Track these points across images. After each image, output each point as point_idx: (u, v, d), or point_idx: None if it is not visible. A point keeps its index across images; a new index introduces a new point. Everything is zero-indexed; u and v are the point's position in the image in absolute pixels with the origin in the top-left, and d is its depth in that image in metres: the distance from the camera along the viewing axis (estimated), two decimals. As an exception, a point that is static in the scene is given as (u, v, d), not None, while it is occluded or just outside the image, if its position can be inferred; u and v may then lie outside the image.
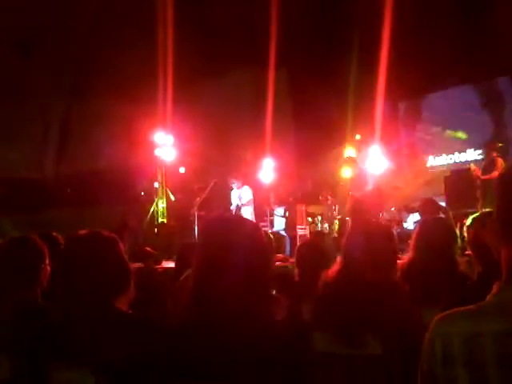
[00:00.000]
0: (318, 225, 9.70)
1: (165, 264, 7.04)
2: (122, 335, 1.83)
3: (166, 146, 10.48)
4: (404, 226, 9.60)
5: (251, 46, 10.72)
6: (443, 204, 9.07)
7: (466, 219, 2.83)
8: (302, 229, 9.49)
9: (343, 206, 9.10)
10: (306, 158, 11.99)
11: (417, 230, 3.08)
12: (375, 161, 9.61)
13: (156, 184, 10.88)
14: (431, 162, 12.48)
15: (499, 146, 9.44)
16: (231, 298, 1.55)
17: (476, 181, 9.11)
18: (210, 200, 9.87)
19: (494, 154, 9.07)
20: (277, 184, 10.53)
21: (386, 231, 2.54)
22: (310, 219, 9.87)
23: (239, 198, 9.70)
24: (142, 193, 11.27)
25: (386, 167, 9.68)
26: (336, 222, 9.41)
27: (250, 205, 9.77)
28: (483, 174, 8.94)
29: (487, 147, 9.76)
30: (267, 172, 10.40)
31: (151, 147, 10.50)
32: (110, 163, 11.26)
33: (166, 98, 10.52)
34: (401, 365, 2.07)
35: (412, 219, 9.71)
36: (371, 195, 8.30)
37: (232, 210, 9.55)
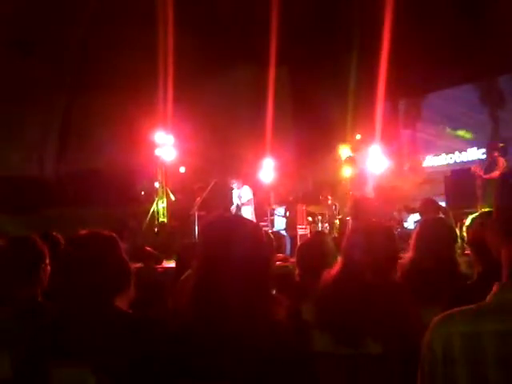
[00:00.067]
0: (319, 224, 9.68)
1: (165, 264, 7.04)
2: (122, 335, 1.83)
3: (166, 146, 10.47)
4: (404, 226, 9.59)
5: (251, 46, 10.73)
6: (443, 204, 9.08)
7: (465, 219, 2.82)
8: (302, 228, 9.47)
9: (343, 206, 9.09)
10: (306, 157, 11.98)
11: (417, 229, 3.07)
12: (375, 160, 9.60)
13: (156, 184, 10.87)
14: (431, 161, 12.48)
15: (500, 146, 9.43)
16: (232, 297, 1.56)
17: (476, 180, 9.10)
18: (211, 200, 9.87)
19: (496, 153, 9.05)
20: (277, 184, 10.52)
21: (386, 231, 2.54)
22: (310, 219, 9.85)
23: (239, 198, 9.70)
24: (143, 192, 11.26)
25: (385, 167, 9.66)
26: (336, 221, 9.40)
27: (250, 204, 9.77)
28: (485, 173, 8.93)
29: (488, 147, 9.75)
30: (267, 172, 10.39)
31: (151, 147, 10.49)
32: (111, 163, 11.26)
33: (167, 97, 10.52)
34: (401, 365, 2.07)
35: (412, 219, 9.70)
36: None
37: (231, 210, 9.55)
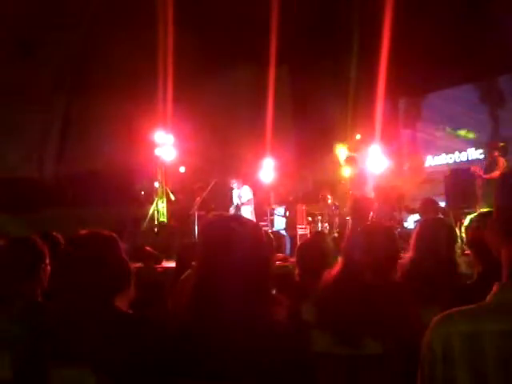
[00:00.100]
0: (318, 224, 9.67)
1: (165, 264, 7.04)
2: (122, 335, 1.83)
3: (166, 146, 10.45)
4: (404, 226, 9.59)
5: (251, 45, 10.72)
6: (443, 204, 9.07)
7: (465, 219, 2.82)
8: (302, 228, 9.46)
9: (343, 206, 9.09)
10: (306, 157, 11.98)
11: (417, 229, 3.07)
12: (375, 160, 9.60)
13: (156, 184, 10.85)
14: (431, 161, 12.47)
15: (501, 146, 9.42)
16: (231, 297, 1.55)
17: (476, 180, 9.08)
18: (211, 200, 9.87)
19: (496, 153, 9.03)
20: (277, 183, 10.52)
21: (386, 231, 2.53)
22: (310, 219, 9.85)
23: (239, 198, 9.70)
24: (142, 192, 11.24)
25: (385, 167, 9.66)
26: (336, 221, 9.39)
27: (250, 204, 9.77)
28: (485, 173, 8.91)
29: (489, 146, 9.72)
30: (267, 171, 10.38)
31: (151, 147, 10.48)
32: (110, 163, 11.24)
33: (166, 97, 10.51)
34: (401, 365, 2.07)
35: (412, 218, 9.70)
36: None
37: (231, 210, 9.54)
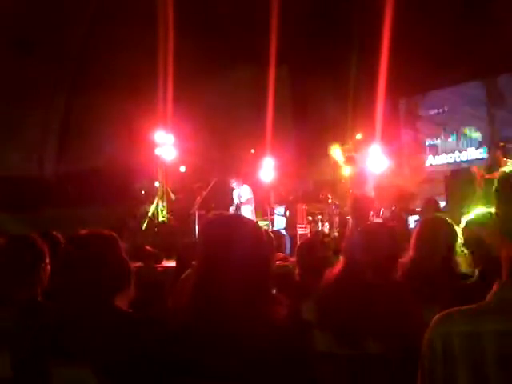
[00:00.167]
0: (319, 224, 9.67)
1: (165, 263, 7.04)
2: (122, 334, 1.83)
3: (166, 145, 10.46)
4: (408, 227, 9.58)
5: (251, 45, 10.71)
6: (443, 203, 9.08)
7: (465, 219, 2.82)
8: (302, 228, 9.46)
9: (344, 205, 9.09)
10: (306, 156, 11.97)
11: (417, 229, 3.07)
12: (375, 160, 9.60)
13: (156, 183, 10.86)
14: (431, 161, 12.47)
15: (502, 146, 9.39)
16: (232, 296, 1.56)
17: (477, 180, 9.07)
18: (211, 199, 9.87)
19: (498, 153, 9.00)
20: (277, 183, 10.52)
21: (388, 231, 2.53)
22: (310, 218, 9.85)
23: (239, 197, 9.70)
24: (143, 192, 11.24)
25: (386, 166, 9.66)
26: (336, 220, 9.39)
27: (250, 204, 9.76)
28: (485, 173, 8.89)
29: (490, 146, 9.70)
30: (267, 171, 10.38)
31: (151, 146, 10.48)
32: (111, 162, 11.24)
33: (167, 96, 10.52)
34: (402, 364, 2.07)
35: (413, 218, 9.69)
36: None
37: (231, 209, 9.54)
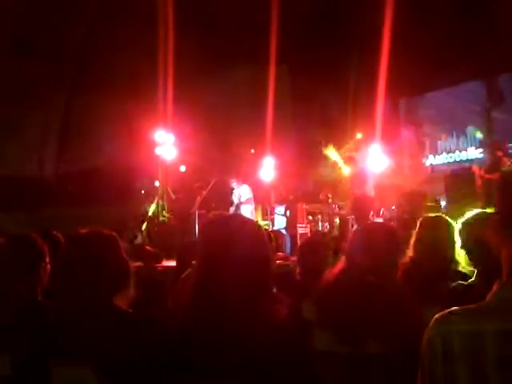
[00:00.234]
0: (319, 223, 9.68)
1: (165, 263, 7.03)
2: (122, 334, 1.83)
3: (166, 145, 10.46)
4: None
5: (251, 44, 10.70)
6: (444, 203, 9.08)
7: (465, 219, 2.82)
8: (302, 227, 9.47)
9: (344, 205, 9.09)
10: (306, 156, 11.97)
11: (417, 229, 3.07)
12: (376, 159, 9.60)
13: (156, 183, 10.86)
14: (431, 160, 12.47)
15: (504, 146, 9.38)
16: (232, 296, 1.55)
17: (477, 180, 9.06)
18: (211, 199, 9.87)
19: (500, 153, 8.99)
20: (277, 182, 10.52)
21: (389, 231, 2.52)
22: (310, 218, 9.85)
23: (238, 197, 9.70)
24: (143, 191, 11.25)
25: (386, 166, 9.66)
26: (336, 220, 9.39)
27: (250, 203, 9.76)
28: (486, 173, 8.89)
29: (491, 147, 9.68)
30: (268, 170, 10.39)
31: (152, 146, 10.48)
32: (111, 162, 11.24)
33: (167, 96, 10.52)
34: (402, 364, 2.07)
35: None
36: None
37: (231, 209, 9.54)
